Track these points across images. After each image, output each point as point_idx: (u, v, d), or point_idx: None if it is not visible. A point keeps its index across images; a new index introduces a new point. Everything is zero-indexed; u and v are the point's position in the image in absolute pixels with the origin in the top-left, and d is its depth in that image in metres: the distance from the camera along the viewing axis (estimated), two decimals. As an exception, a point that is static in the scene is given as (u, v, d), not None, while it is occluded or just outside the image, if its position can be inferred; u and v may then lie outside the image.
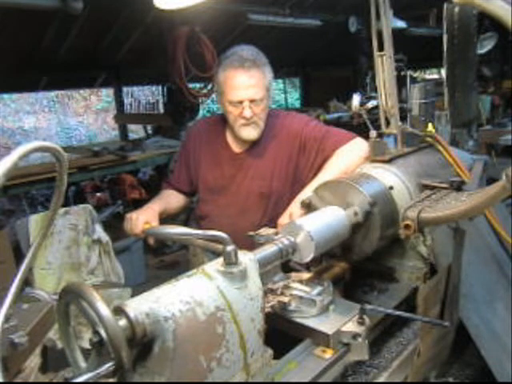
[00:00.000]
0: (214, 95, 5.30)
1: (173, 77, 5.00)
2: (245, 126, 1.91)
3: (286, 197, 1.94)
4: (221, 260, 0.98)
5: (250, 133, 1.93)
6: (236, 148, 2.04)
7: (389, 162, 1.58)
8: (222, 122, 2.08)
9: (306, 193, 1.72)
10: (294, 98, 12.21)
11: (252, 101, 1.86)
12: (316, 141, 1.93)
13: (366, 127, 1.88)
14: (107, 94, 11.42)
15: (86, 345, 0.82)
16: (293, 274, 1.39)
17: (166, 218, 1.98)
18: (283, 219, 1.75)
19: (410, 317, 1.27)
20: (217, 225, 1.96)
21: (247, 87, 1.85)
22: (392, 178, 1.50)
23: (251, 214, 1.98)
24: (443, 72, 2.15)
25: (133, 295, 1.26)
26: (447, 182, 1.51)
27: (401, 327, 1.47)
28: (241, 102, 1.86)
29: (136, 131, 8.83)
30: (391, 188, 1.46)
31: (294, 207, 1.75)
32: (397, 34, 1.88)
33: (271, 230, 1.41)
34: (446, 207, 1.32)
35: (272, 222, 1.78)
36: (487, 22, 5.41)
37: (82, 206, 3.30)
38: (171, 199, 2.12)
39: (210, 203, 2.09)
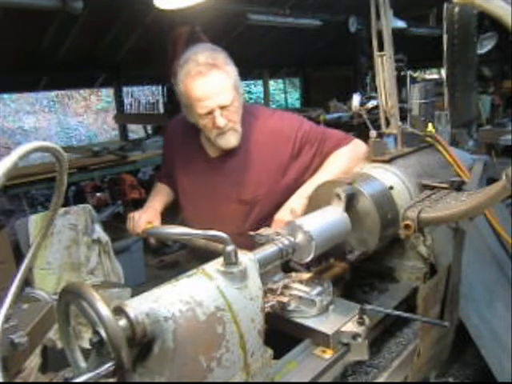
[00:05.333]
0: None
1: (173, 77, 5.00)
2: (221, 135, 1.76)
3: (272, 204, 1.80)
4: (221, 260, 0.98)
5: (229, 141, 1.77)
6: (211, 152, 1.89)
7: (389, 161, 1.58)
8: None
9: (305, 190, 1.68)
10: (294, 98, 12.23)
11: (222, 107, 1.70)
12: (312, 146, 1.82)
13: (366, 127, 1.87)
14: (107, 93, 11.43)
15: (86, 345, 0.82)
16: (293, 274, 1.39)
17: (166, 219, 1.97)
18: (282, 214, 1.67)
19: (409, 317, 1.27)
20: None
21: (213, 95, 1.68)
22: (392, 178, 1.50)
23: (230, 222, 1.82)
24: (443, 72, 2.15)
25: (133, 295, 1.27)
26: (447, 182, 1.51)
27: (401, 327, 1.47)
28: (210, 113, 1.70)
29: (136, 131, 8.84)
30: (391, 188, 1.46)
31: (295, 203, 1.67)
32: (397, 33, 1.87)
33: (271, 230, 1.41)
34: (446, 207, 1.32)
35: (255, 231, 1.60)
36: (487, 21, 5.40)
37: (81, 205, 3.31)
38: (167, 193, 2.07)
39: (187, 209, 1.98)
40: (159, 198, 2.04)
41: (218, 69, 1.70)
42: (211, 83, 1.68)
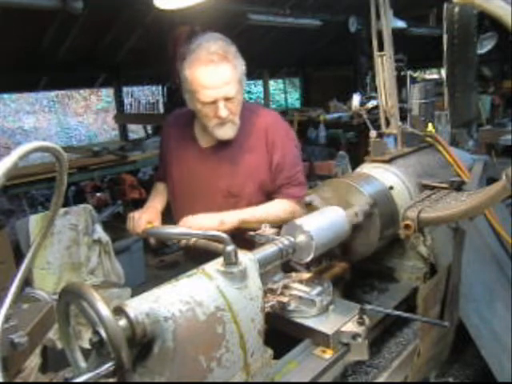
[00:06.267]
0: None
1: (173, 77, 5.00)
2: (220, 126, 1.77)
3: (259, 200, 1.85)
4: (221, 260, 0.98)
5: (227, 132, 1.80)
6: (203, 142, 1.90)
7: (389, 161, 1.58)
8: (191, 115, 1.94)
9: (228, 217, 1.71)
10: (294, 98, 12.21)
11: (227, 99, 1.72)
12: (288, 171, 1.86)
13: (366, 127, 1.88)
14: (107, 93, 11.42)
15: (86, 345, 0.82)
16: (293, 274, 1.39)
17: (166, 219, 1.97)
18: (195, 218, 1.72)
19: (409, 317, 1.27)
20: None
21: (220, 85, 1.69)
22: (392, 178, 1.50)
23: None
24: (443, 72, 2.15)
25: (133, 295, 1.27)
26: (447, 182, 1.51)
27: (401, 327, 1.47)
28: (214, 102, 1.71)
29: (136, 131, 8.83)
30: (391, 188, 1.46)
31: (207, 219, 1.71)
32: (397, 33, 1.87)
33: (271, 230, 1.41)
34: (446, 207, 1.32)
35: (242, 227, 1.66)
36: (487, 21, 5.41)
37: (81, 206, 3.30)
38: (167, 192, 2.07)
39: (177, 206, 1.99)
40: (160, 197, 2.04)
41: (228, 61, 1.71)
42: (220, 74, 1.69)
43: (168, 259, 4.69)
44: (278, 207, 1.82)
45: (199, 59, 1.69)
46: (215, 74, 1.69)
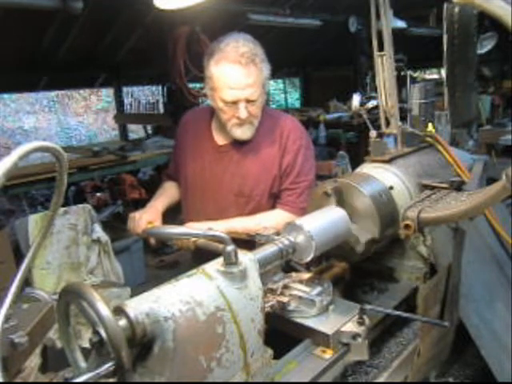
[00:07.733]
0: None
1: (173, 77, 5.01)
2: (239, 126, 1.80)
3: (269, 205, 1.87)
4: (221, 260, 0.98)
5: (244, 133, 1.82)
6: (219, 139, 1.92)
7: (389, 161, 1.57)
8: (209, 111, 1.97)
9: (216, 225, 1.69)
10: (294, 98, 12.21)
11: (248, 101, 1.74)
12: (294, 177, 1.86)
13: (366, 127, 1.87)
14: (107, 93, 11.42)
15: (86, 345, 0.82)
16: (293, 274, 1.39)
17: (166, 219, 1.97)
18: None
19: (409, 317, 1.27)
20: None
21: (244, 87, 1.71)
22: (392, 178, 1.50)
23: (226, 213, 1.87)
24: (443, 72, 2.15)
25: (132, 295, 1.27)
26: (447, 182, 1.51)
27: (401, 327, 1.47)
28: (235, 102, 1.73)
29: (136, 131, 8.83)
30: (391, 188, 1.45)
31: (193, 226, 1.74)
32: (397, 33, 1.87)
33: (271, 230, 1.41)
34: (446, 207, 1.31)
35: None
36: (487, 21, 5.41)
37: (81, 205, 3.29)
38: (173, 192, 2.09)
39: (188, 202, 2.01)
40: (163, 198, 2.04)
41: (255, 64, 1.73)
42: (245, 76, 1.71)
43: (168, 259, 4.69)
44: (273, 219, 1.79)
45: (227, 58, 1.71)
46: (241, 76, 1.70)
